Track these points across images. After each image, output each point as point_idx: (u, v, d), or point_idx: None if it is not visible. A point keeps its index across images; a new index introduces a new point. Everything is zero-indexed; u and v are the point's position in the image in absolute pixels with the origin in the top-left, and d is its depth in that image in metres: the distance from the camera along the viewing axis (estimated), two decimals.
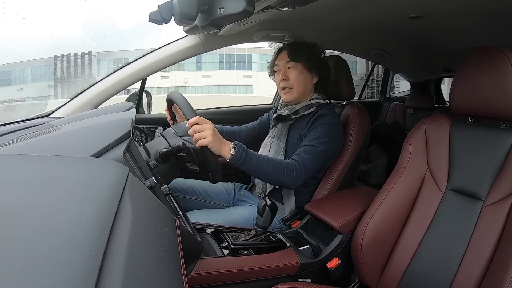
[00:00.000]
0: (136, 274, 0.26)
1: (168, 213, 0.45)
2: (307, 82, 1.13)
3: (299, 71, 1.12)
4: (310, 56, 1.12)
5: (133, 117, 0.61)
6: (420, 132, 0.94)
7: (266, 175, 0.95)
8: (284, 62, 1.13)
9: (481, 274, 0.73)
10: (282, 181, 0.97)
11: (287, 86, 1.12)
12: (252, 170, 0.92)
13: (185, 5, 0.68)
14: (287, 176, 0.96)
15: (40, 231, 0.24)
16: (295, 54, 1.12)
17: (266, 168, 0.92)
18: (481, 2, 1.09)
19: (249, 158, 0.89)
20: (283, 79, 1.12)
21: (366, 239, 0.88)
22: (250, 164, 0.90)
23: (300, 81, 1.12)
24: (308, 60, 1.12)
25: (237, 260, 0.82)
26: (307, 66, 1.12)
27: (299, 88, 1.12)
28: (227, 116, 1.76)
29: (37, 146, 0.51)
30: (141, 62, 1.21)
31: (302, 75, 1.12)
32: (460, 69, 0.85)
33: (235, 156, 0.87)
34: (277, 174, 0.94)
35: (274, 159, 0.97)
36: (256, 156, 0.92)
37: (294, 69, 1.12)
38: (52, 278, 0.20)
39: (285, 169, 0.95)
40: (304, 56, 1.11)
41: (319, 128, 1.06)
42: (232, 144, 0.88)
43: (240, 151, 0.88)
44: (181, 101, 0.86)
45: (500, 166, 0.80)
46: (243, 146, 0.90)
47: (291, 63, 1.12)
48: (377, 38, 1.77)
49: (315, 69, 1.14)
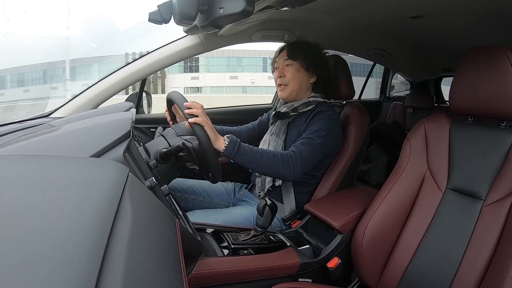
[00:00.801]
0: (136, 274, 0.26)
1: (168, 213, 0.45)
2: (303, 80, 1.14)
3: (296, 69, 1.13)
4: (308, 55, 1.13)
5: (133, 117, 0.61)
6: (420, 132, 0.94)
7: (261, 167, 0.96)
8: (282, 59, 1.15)
9: (481, 273, 0.73)
10: (278, 172, 0.98)
11: (283, 83, 1.14)
12: (247, 162, 0.93)
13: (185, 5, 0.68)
14: (283, 167, 0.96)
15: (40, 231, 0.24)
16: (293, 52, 1.13)
17: (260, 159, 0.94)
18: (481, 2, 1.09)
19: (242, 150, 0.92)
20: (279, 76, 1.14)
21: (366, 238, 0.88)
22: (244, 155, 0.92)
23: (296, 79, 1.13)
24: (305, 59, 1.13)
25: (237, 260, 0.82)
26: (304, 64, 1.13)
27: (294, 86, 1.13)
28: (227, 116, 1.76)
29: (37, 146, 0.51)
30: (141, 62, 1.21)
31: (299, 73, 1.13)
32: (460, 69, 0.85)
33: (229, 147, 0.89)
34: (272, 165, 0.95)
35: (268, 150, 0.98)
36: (250, 148, 0.94)
37: (291, 67, 1.13)
38: (52, 278, 0.20)
39: (280, 160, 0.96)
40: (302, 54, 1.12)
41: (317, 123, 1.07)
42: (226, 136, 0.91)
43: (233, 142, 0.90)
44: (177, 98, 0.88)
45: (500, 165, 0.80)
46: (237, 138, 0.92)
47: (289, 60, 1.13)
48: (377, 38, 1.77)
49: (312, 68, 1.14)
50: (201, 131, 0.83)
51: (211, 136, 0.85)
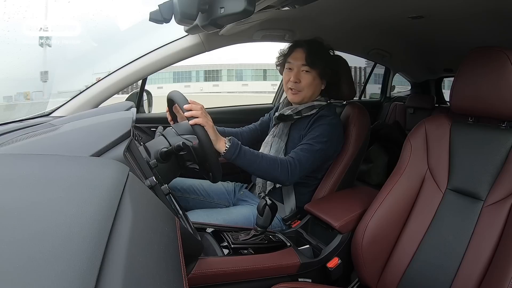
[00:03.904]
0: (136, 273, 0.26)
1: (168, 212, 0.45)
2: (316, 88, 1.13)
3: (313, 77, 1.10)
4: (327, 66, 1.11)
5: (133, 116, 0.60)
6: (421, 132, 0.94)
7: (260, 171, 0.96)
8: (299, 63, 1.10)
9: (481, 274, 0.73)
10: (276, 177, 0.98)
11: (297, 88, 1.11)
12: (247, 165, 0.93)
13: (186, 4, 0.68)
14: (281, 172, 0.96)
15: (40, 231, 0.24)
16: (313, 60, 1.09)
17: (260, 163, 0.94)
18: (481, 2, 1.09)
19: (243, 153, 0.92)
20: (294, 81, 1.10)
21: (366, 239, 0.88)
22: (244, 158, 0.92)
23: (311, 87, 1.11)
24: (324, 69, 1.10)
25: (237, 260, 0.82)
26: (321, 73, 1.11)
27: (307, 93, 1.11)
28: (228, 116, 1.76)
29: (37, 146, 0.51)
30: (141, 61, 1.21)
31: (314, 82, 1.11)
32: (460, 69, 0.85)
33: (230, 150, 0.89)
34: (271, 170, 0.96)
35: (268, 155, 0.98)
36: (250, 152, 0.94)
37: (308, 74, 1.10)
38: (52, 278, 0.20)
39: (279, 165, 0.96)
40: (321, 64, 1.09)
41: (318, 128, 1.06)
42: (227, 138, 0.91)
43: (235, 145, 0.90)
44: (178, 98, 0.88)
45: (500, 166, 0.80)
46: (238, 141, 0.92)
47: (307, 67, 1.09)
48: (378, 38, 1.76)
49: (328, 76, 1.13)
50: (202, 131, 0.83)
51: (211, 136, 0.85)
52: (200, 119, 0.83)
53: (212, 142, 0.86)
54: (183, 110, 0.85)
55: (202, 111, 0.85)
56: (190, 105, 0.85)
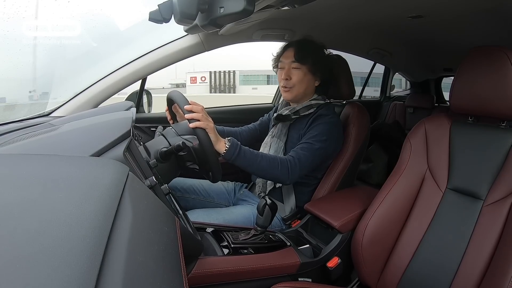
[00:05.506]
0: (136, 273, 0.26)
1: (168, 212, 0.45)
2: (309, 84, 1.13)
3: (303, 73, 1.10)
4: (317, 60, 1.11)
5: (133, 116, 0.60)
6: (420, 132, 0.94)
7: (260, 170, 0.96)
8: (289, 61, 1.11)
9: (481, 273, 0.73)
10: (276, 177, 0.98)
11: (288, 85, 1.12)
12: (247, 165, 0.93)
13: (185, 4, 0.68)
14: (281, 171, 0.97)
15: (40, 230, 0.24)
16: (301, 56, 1.09)
17: (260, 163, 0.94)
18: (481, 2, 1.09)
19: (243, 153, 0.92)
20: (285, 78, 1.11)
21: (366, 238, 0.88)
22: (244, 158, 0.92)
23: (303, 83, 1.11)
24: (314, 64, 1.10)
25: (237, 260, 0.82)
26: (312, 69, 1.11)
27: (299, 89, 1.11)
28: (228, 116, 1.76)
29: (37, 146, 0.51)
30: (141, 61, 1.21)
31: (306, 77, 1.11)
32: (460, 69, 0.85)
33: (230, 150, 0.89)
34: (271, 169, 0.96)
35: (268, 155, 0.98)
36: (250, 152, 0.94)
37: (298, 70, 1.10)
38: (52, 278, 0.20)
39: (279, 164, 0.96)
40: (310, 59, 1.09)
41: (317, 127, 1.06)
42: (227, 139, 0.91)
43: (234, 146, 0.90)
44: (178, 98, 0.88)
45: (500, 165, 0.80)
46: (237, 141, 0.92)
47: (296, 63, 1.10)
48: (377, 38, 1.77)
49: (319, 72, 1.12)
50: (202, 133, 0.83)
51: (212, 137, 0.85)
52: (201, 122, 0.83)
53: (213, 143, 0.86)
54: (183, 110, 0.85)
55: (203, 113, 0.84)
56: (191, 106, 0.85)
